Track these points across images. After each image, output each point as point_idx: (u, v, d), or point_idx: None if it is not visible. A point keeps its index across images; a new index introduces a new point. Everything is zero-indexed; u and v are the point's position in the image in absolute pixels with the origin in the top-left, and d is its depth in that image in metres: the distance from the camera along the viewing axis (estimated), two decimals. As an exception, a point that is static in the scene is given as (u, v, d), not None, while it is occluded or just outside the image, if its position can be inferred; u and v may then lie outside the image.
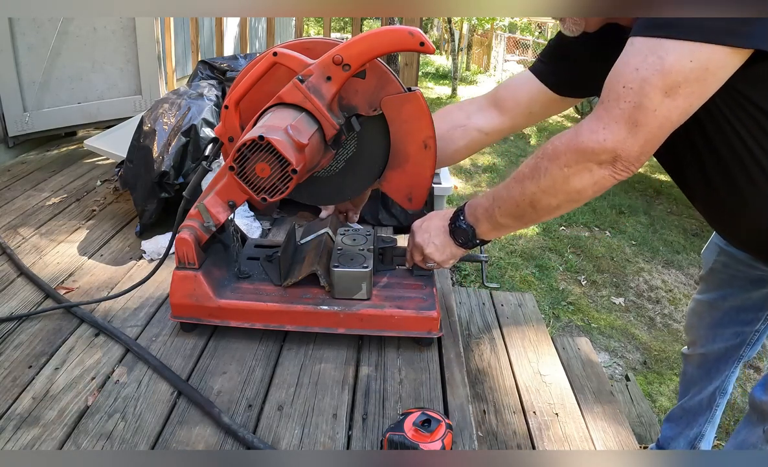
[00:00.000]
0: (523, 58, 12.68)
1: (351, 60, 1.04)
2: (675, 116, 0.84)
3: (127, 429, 0.99)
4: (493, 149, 6.19)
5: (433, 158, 1.20)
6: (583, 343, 2.05)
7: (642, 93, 0.82)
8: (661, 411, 2.39)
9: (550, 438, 1.50)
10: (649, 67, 0.81)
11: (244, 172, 1.03)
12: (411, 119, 1.17)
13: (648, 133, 0.85)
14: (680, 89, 0.81)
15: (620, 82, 0.84)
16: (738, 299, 1.38)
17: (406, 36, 1.03)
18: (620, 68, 0.85)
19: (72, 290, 1.42)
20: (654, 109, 0.82)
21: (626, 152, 0.87)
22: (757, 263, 1.25)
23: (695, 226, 4.46)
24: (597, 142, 0.87)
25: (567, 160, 0.92)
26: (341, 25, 13.05)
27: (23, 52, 2.42)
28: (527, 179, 0.99)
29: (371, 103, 1.16)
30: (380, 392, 1.11)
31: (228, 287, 1.23)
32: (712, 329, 1.46)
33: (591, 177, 0.91)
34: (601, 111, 0.88)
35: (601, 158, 0.88)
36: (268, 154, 1.00)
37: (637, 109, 0.83)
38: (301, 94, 1.07)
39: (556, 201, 0.97)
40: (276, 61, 1.08)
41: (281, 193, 1.04)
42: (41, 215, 1.85)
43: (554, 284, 3.44)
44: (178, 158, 1.62)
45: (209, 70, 2.00)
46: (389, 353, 1.22)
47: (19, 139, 2.52)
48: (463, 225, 1.13)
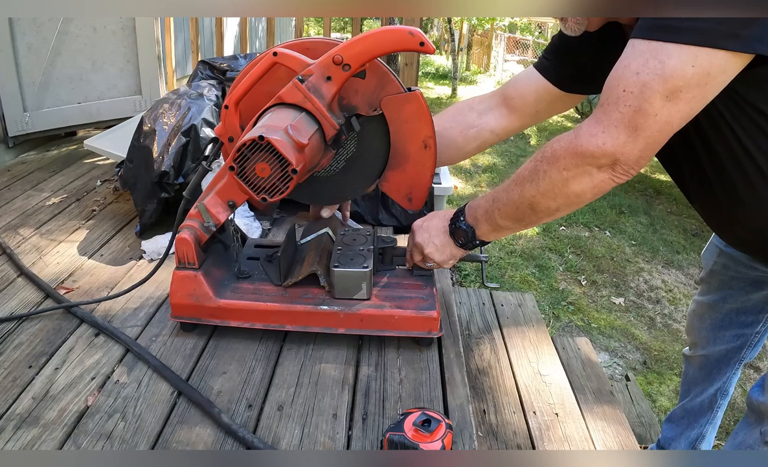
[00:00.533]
0: (523, 58, 12.68)
1: (351, 60, 1.04)
2: (676, 120, 0.84)
3: (127, 429, 0.99)
4: (493, 149, 6.19)
5: (433, 158, 1.20)
6: (583, 343, 2.05)
7: (642, 97, 0.82)
8: (661, 411, 2.39)
9: (550, 438, 1.50)
10: (651, 71, 0.80)
11: (244, 172, 1.03)
12: (411, 119, 1.17)
13: (648, 137, 0.84)
14: (682, 94, 0.81)
15: (620, 85, 0.84)
16: (738, 301, 1.37)
17: (406, 36, 1.03)
18: (620, 71, 0.84)
19: (72, 290, 1.42)
20: (655, 113, 0.82)
21: (625, 155, 0.86)
22: (756, 264, 1.25)
23: (695, 226, 4.46)
24: (596, 145, 0.87)
25: (566, 163, 0.92)
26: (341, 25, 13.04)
27: (23, 52, 2.42)
28: (527, 182, 0.99)
29: (371, 103, 1.16)
30: (380, 392, 1.11)
31: (228, 287, 1.23)
32: (713, 331, 1.46)
33: (590, 181, 0.91)
34: (601, 114, 0.87)
35: (601, 162, 0.88)
36: (268, 154, 1.00)
37: (638, 113, 0.83)
38: (301, 94, 1.07)
39: (555, 204, 0.97)
40: (276, 61, 1.08)
41: (281, 193, 1.04)
42: (41, 215, 1.85)
43: (554, 284, 3.44)
44: (178, 158, 1.62)
45: (209, 70, 2.00)
46: (389, 353, 1.22)
47: (19, 139, 2.51)
48: (463, 226, 1.13)
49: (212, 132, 1.67)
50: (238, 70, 1.92)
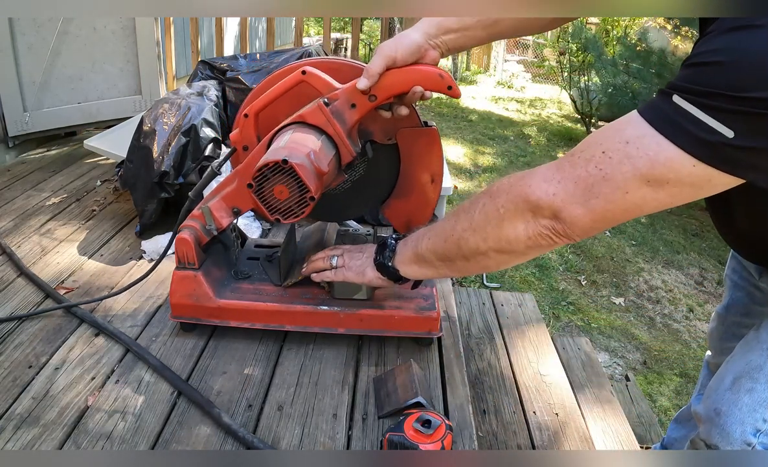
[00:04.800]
0: (523, 58, 12.67)
1: (378, 91, 1.04)
2: (648, 207, 0.74)
3: (127, 429, 0.99)
4: (493, 149, 6.19)
5: (438, 193, 1.22)
6: (583, 343, 2.05)
7: (619, 168, 0.71)
8: (661, 411, 2.39)
9: (550, 438, 1.50)
10: (642, 148, 0.70)
11: (262, 191, 1.03)
12: (423, 153, 1.19)
13: (607, 211, 0.75)
14: (668, 186, 0.71)
15: (602, 145, 0.74)
16: (738, 314, 1.37)
17: (435, 77, 1.03)
18: (609, 132, 0.75)
19: (72, 290, 1.42)
20: (626, 190, 0.72)
21: (572, 218, 0.77)
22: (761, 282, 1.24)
23: (695, 226, 4.46)
24: (545, 192, 0.78)
25: (506, 200, 0.83)
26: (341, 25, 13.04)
27: (23, 52, 2.42)
28: (463, 212, 0.91)
29: (387, 132, 1.17)
30: (380, 392, 1.11)
31: (228, 287, 1.23)
32: (720, 341, 1.46)
33: (525, 228, 0.81)
34: (566, 163, 0.78)
35: (543, 212, 0.79)
36: (289, 178, 1.00)
37: (606, 181, 0.73)
38: (323, 117, 1.07)
39: (484, 245, 0.87)
40: (304, 79, 1.08)
41: (296, 216, 1.05)
42: (41, 215, 1.85)
43: (554, 284, 3.44)
44: (178, 158, 1.62)
45: (209, 70, 2.00)
46: (389, 353, 1.22)
47: (19, 139, 2.51)
48: (389, 242, 1.06)
49: (212, 132, 1.67)
50: (238, 70, 1.92)
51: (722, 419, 1.04)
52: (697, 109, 0.66)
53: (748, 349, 1.07)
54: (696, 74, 0.68)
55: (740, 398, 1.03)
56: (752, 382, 1.02)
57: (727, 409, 1.04)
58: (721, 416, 1.05)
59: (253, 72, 1.92)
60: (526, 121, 7.77)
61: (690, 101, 0.67)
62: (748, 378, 1.03)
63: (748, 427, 1.01)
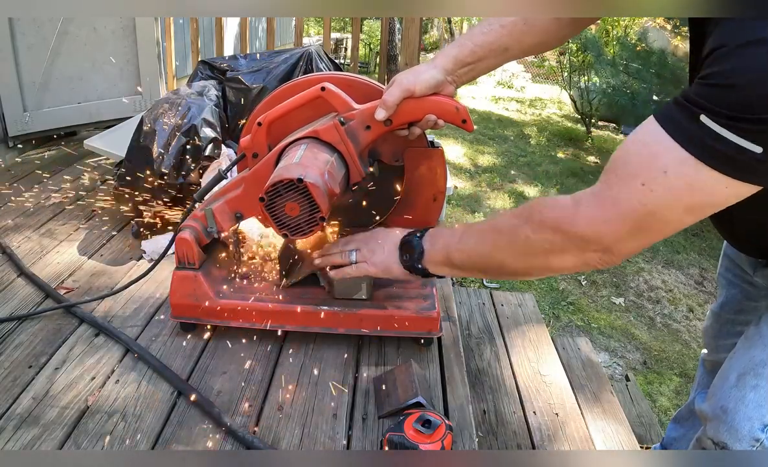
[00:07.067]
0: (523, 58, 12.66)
1: (394, 117, 1.06)
2: (684, 226, 0.78)
3: (127, 429, 0.99)
4: (494, 149, 6.19)
5: (439, 212, 1.24)
6: (583, 343, 2.05)
7: (663, 202, 0.74)
8: (661, 411, 2.39)
9: (550, 438, 1.50)
10: (681, 177, 0.72)
11: (274, 207, 1.03)
12: (428, 173, 1.20)
13: (652, 238, 0.80)
14: (705, 210, 0.75)
15: (639, 177, 0.75)
16: (732, 311, 1.37)
17: (452, 109, 1.06)
18: (643, 159, 0.75)
19: (72, 290, 1.42)
20: (668, 221, 0.76)
21: (621, 251, 0.81)
22: (756, 277, 1.23)
23: (695, 226, 4.46)
24: (594, 232, 0.81)
25: (553, 239, 0.85)
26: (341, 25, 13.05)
27: (23, 52, 2.41)
28: (503, 239, 0.93)
29: (395, 154, 1.19)
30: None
31: (228, 287, 1.23)
32: (715, 339, 1.46)
33: (574, 261, 0.85)
34: (608, 200, 0.79)
35: (592, 246, 0.82)
36: (302, 197, 1.00)
37: (651, 216, 0.76)
38: (338, 136, 1.07)
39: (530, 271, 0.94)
40: (322, 96, 1.09)
41: (304, 234, 1.05)
42: (41, 215, 1.85)
43: (554, 284, 3.44)
44: (178, 158, 1.62)
45: (209, 70, 2.00)
46: (389, 353, 1.22)
47: (19, 139, 2.51)
48: (414, 242, 1.06)
49: (212, 132, 1.67)
50: (239, 70, 1.92)
51: (729, 416, 1.05)
52: (727, 130, 0.68)
53: (750, 345, 1.08)
54: (720, 95, 0.69)
55: (746, 394, 1.04)
56: (756, 378, 1.03)
57: (734, 406, 1.05)
58: (728, 413, 1.05)
59: (253, 72, 1.92)
60: (526, 121, 7.77)
61: (720, 124, 0.68)
62: (752, 375, 1.04)
63: (756, 423, 1.02)
